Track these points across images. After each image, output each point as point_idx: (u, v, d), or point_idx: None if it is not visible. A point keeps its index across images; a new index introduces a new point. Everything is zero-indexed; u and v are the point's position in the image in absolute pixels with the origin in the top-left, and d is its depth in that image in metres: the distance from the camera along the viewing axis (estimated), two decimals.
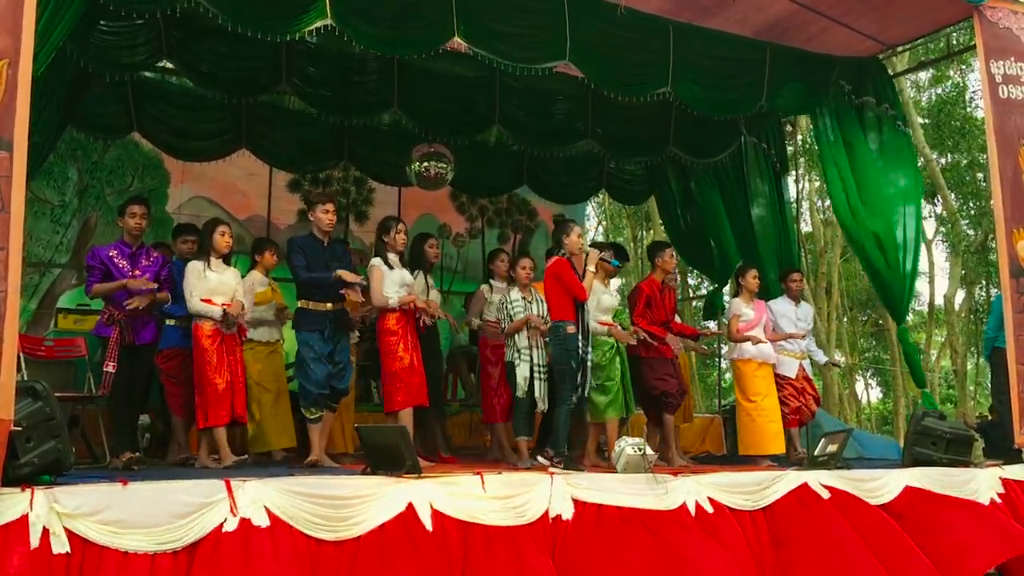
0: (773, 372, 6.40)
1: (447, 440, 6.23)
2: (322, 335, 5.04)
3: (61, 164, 7.88)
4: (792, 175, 10.02)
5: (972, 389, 18.43)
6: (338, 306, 5.12)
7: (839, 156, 7.08)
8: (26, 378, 4.44)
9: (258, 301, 5.76)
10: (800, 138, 13.36)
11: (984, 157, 11.75)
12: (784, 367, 6.51)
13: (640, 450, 4.58)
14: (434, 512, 3.83)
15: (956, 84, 16.73)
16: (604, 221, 20.52)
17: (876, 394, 23.70)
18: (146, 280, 5.08)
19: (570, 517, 4.14)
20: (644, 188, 9.49)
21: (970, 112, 15.88)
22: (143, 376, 5.31)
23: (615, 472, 4.62)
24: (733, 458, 6.66)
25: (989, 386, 7.69)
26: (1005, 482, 5.52)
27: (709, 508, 4.46)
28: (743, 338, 6.26)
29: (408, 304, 5.31)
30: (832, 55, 7.06)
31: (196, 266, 5.10)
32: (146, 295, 5.11)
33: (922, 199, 8.55)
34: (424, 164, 7.31)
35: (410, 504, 3.79)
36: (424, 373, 5.35)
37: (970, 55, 11.11)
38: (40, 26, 3.77)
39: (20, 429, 3.36)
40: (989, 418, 9.32)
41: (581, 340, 5.12)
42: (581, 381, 5.14)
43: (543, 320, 5.47)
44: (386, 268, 5.39)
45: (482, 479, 4.05)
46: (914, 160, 7.28)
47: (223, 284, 5.11)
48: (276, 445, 5.76)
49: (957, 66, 16.07)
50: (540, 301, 5.59)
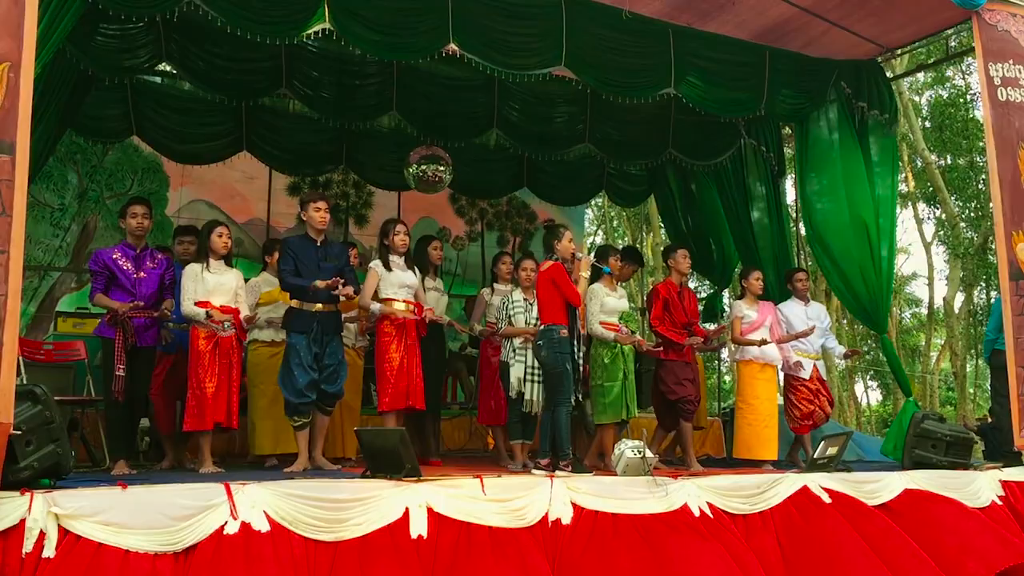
0: (777, 375, 6.35)
1: (437, 443, 6.20)
2: (309, 338, 4.96)
3: (61, 167, 7.90)
4: (791, 178, 10.01)
5: (972, 391, 18.41)
6: (329, 307, 5.05)
7: (831, 162, 7.07)
8: (25, 381, 4.44)
9: (264, 301, 5.74)
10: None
11: (984, 159, 11.74)
12: (798, 369, 6.40)
13: (640, 453, 4.56)
14: (434, 514, 3.83)
15: (956, 86, 16.73)
16: (603, 224, 20.52)
17: (876, 396, 23.74)
18: (142, 307, 4.92)
19: (569, 521, 4.13)
20: (643, 190, 9.49)
21: (971, 114, 15.86)
22: (144, 379, 5.29)
23: (615, 475, 4.61)
24: (733, 461, 6.65)
25: (989, 389, 7.68)
26: (1005, 484, 5.53)
27: (709, 512, 4.45)
28: (746, 340, 6.24)
29: (392, 315, 5.29)
30: (831, 59, 7.06)
31: (193, 268, 5.07)
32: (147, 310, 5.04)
33: (906, 204, 8.50)
34: (422, 167, 7.29)
35: (408, 508, 3.78)
36: (422, 377, 5.34)
37: (969, 56, 11.10)
38: (39, 28, 3.76)
39: (20, 433, 3.37)
40: (989, 420, 9.31)
41: (574, 343, 5.09)
42: (576, 384, 5.11)
43: (533, 325, 5.48)
44: (384, 271, 5.39)
45: (482, 482, 4.04)
46: (896, 171, 7.28)
47: (222, 285, 5.08)
48: (268, 449, 5.63)
49: (957, 67, 16.08)
50: None
